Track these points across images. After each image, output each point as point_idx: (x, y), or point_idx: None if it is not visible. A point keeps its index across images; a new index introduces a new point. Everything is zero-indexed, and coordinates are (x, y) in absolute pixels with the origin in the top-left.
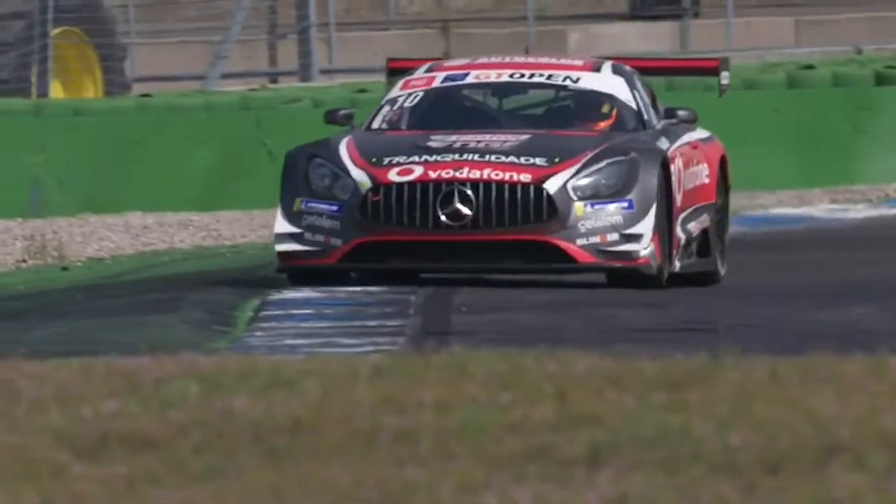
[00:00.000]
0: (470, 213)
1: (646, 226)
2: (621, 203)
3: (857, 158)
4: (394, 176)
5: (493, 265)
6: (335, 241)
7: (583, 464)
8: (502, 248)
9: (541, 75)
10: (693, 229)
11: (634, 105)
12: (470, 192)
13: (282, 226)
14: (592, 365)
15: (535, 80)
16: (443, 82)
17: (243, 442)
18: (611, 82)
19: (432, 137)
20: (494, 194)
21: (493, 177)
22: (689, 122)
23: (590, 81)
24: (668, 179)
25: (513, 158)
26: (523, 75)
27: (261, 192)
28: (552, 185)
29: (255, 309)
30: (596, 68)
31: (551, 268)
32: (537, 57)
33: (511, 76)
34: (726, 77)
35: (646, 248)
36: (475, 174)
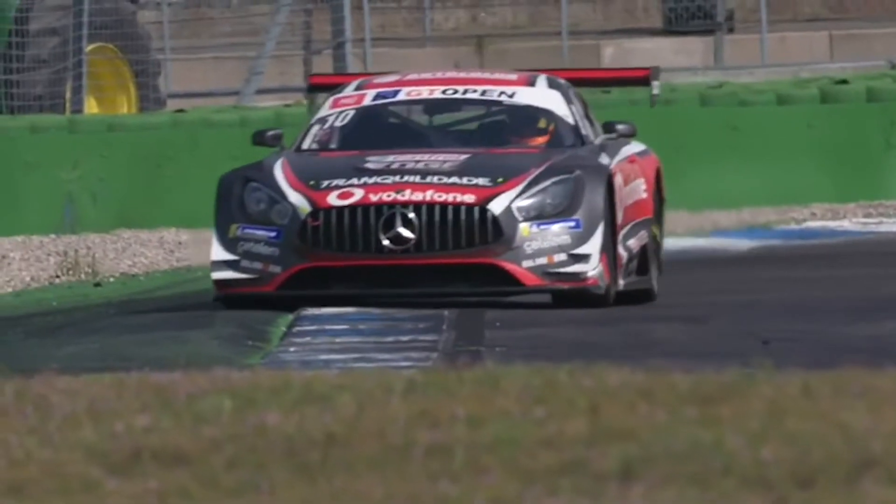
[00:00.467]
0: (413, 237)
1: (593, 245)
2: (568, 223)
3: (890, 173)
4: (333, 199)
5: (437, 290)
6: (274, 268)
7: (615, 478)
8: (447, 272)
9: (474, 91)
10: (633, 246)
11: (572, 120)
12: (412, 215)
13: (218, 253)
14: (625, 379)
15: (469, 96)
16: (374, 100)
17: (276, 457)
18: (547, 96)
19: (369, 159)
20: (437, 217)
21: (436, 198)
22: (629, 137)
23: (525, 96)
24: (611, 196)
25: (455, 179)
26: (456, 91)
27: None
28: (497, 206)
29: (289, 324)
30: (530, 82)
31: (498, 291)
32: (469, 71)
33: (444, 92)
34: (657, 87)
35: (594, 269)
36: (417, 196)
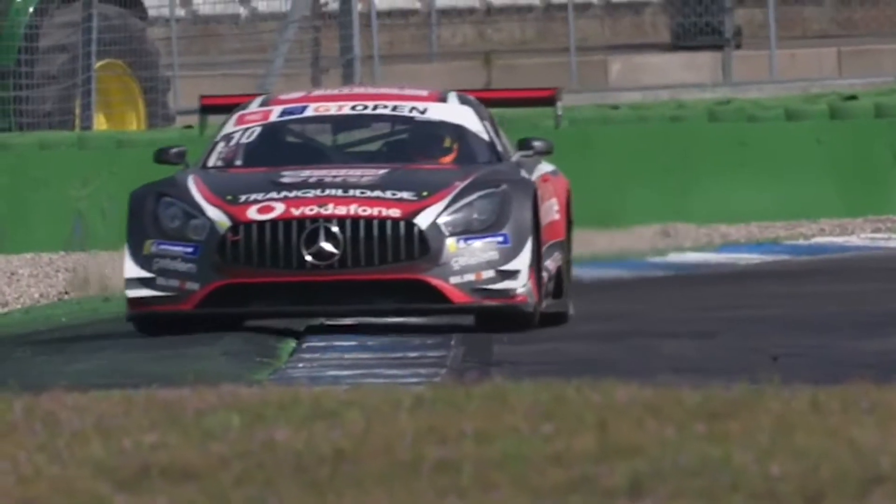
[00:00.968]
0: (336, 252)
1: (522, 261)
2: (495, 238)
3: None
4: (254, 214)
5: (362, 307)
6: (191, 286)
7: (624, 494)
8: (372, 289)
9: (384, 107)
10: (551, 267)
11: (486, 136)
12: (336, 230)
13: (131, 270)
14: (633, 395)
15: (380, 111)
16: (280, 116)
17: (285, 473)
18: (459, 112)
19: (284, 173)
20: (362, 231)
21: (361, 213)
22: (545, 154)
23: (438, 112)
24: (536, 213)
25: (379, 193)
26: (366, 107)
27: None
28: (423, 220)
29: (297, 340)
30: (442, 98)
31: (424, 308)
32: (378, 87)
33: (353, 108)
34: (560, 108)
35: (523, 286)
36: (341, 210)
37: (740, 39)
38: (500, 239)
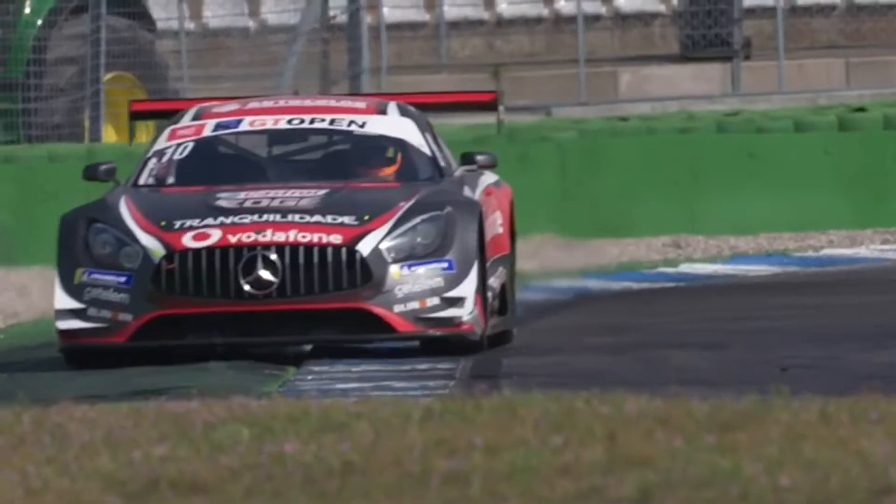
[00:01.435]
0: (275, 281)
1: (468, 288)
2: (440, 263)
3: None
4: (189, 241)
5: (302, 337)
6: (124, 317)
7: None
8: (313, 318)
9: (322, 120)
10: (495, 285)
11: (428, 150)
12: (275, 257)
13: (62, 301)
14: (642, 406)
15: (317, 125)
16: (214, 130)
17: (294, 485)
18: (400, 125)
19: (220, 196)
20: (302, 259)
21: (300, 239)
22: (489, 168)
23: (377, 125)
24: (482, 235)
25: (318, 218)
26: (303, 121)
27: None
28: (365, 247)
29: (306, 352)
30: (381, 110)
31: (367, 338)
32: (314, 99)
33: (290, 122)
34: (502, 112)
35: (469, 314)
36: (280, 237)
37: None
38: (445, 265)
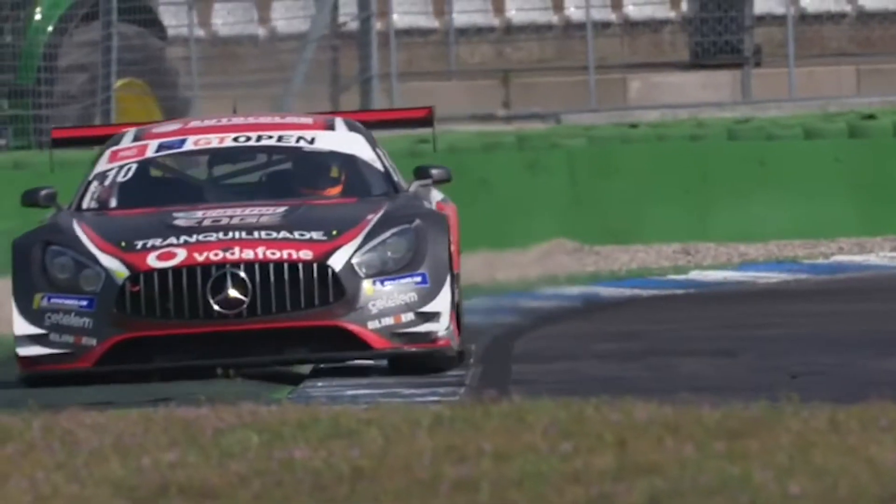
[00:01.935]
0: (245, 299)
1: (442, 302)
2: (413, 278)
3: None
4: (154, 261)
5: (275, 357)
6: (88, 341)
7: None
8: (285, 337)
9: (269, 137)
10: (457, 301)
11: (381, 165)
12: (244, 275)
13: (21, 327)
14: (652, 413)
15: (265, 143)
16: (157, 151)
17: (303, 492)
18: (350, 141)
19: (176, 215)
20: (272, 276)
21: (270, 256)
22: (443, 182)
23: (327, 141)
24: (450, 248)
25: (286, 233)
26: (249, 138)
27: None
28: (337, 262)
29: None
30: (329, 126)
31: (342, 356)
32: (257, 117)
33: (235, 140)
34: (435, 128)
35: (445, 329)
36: (248, 254)
37: (760, 58)
38: (419, 279)
